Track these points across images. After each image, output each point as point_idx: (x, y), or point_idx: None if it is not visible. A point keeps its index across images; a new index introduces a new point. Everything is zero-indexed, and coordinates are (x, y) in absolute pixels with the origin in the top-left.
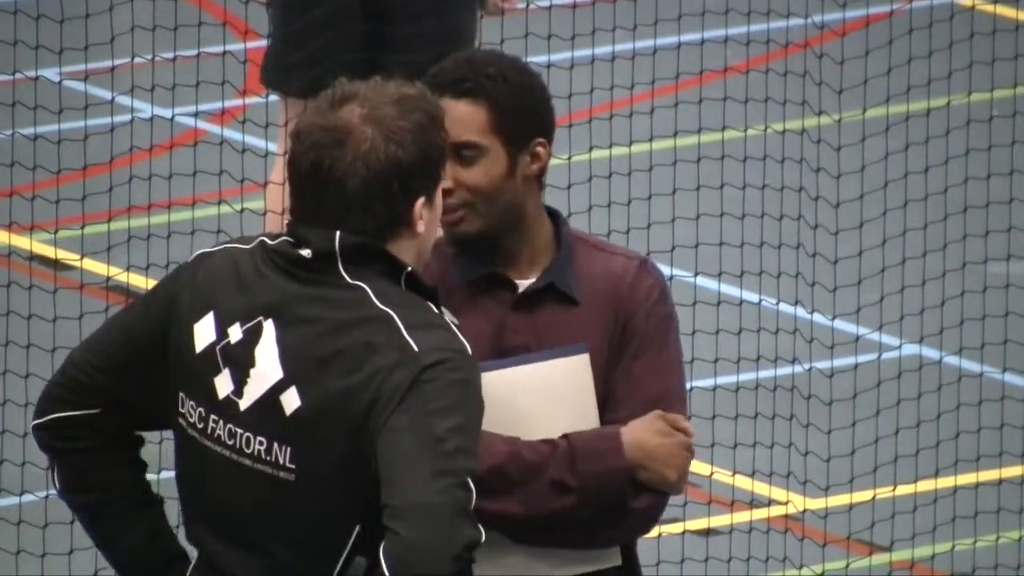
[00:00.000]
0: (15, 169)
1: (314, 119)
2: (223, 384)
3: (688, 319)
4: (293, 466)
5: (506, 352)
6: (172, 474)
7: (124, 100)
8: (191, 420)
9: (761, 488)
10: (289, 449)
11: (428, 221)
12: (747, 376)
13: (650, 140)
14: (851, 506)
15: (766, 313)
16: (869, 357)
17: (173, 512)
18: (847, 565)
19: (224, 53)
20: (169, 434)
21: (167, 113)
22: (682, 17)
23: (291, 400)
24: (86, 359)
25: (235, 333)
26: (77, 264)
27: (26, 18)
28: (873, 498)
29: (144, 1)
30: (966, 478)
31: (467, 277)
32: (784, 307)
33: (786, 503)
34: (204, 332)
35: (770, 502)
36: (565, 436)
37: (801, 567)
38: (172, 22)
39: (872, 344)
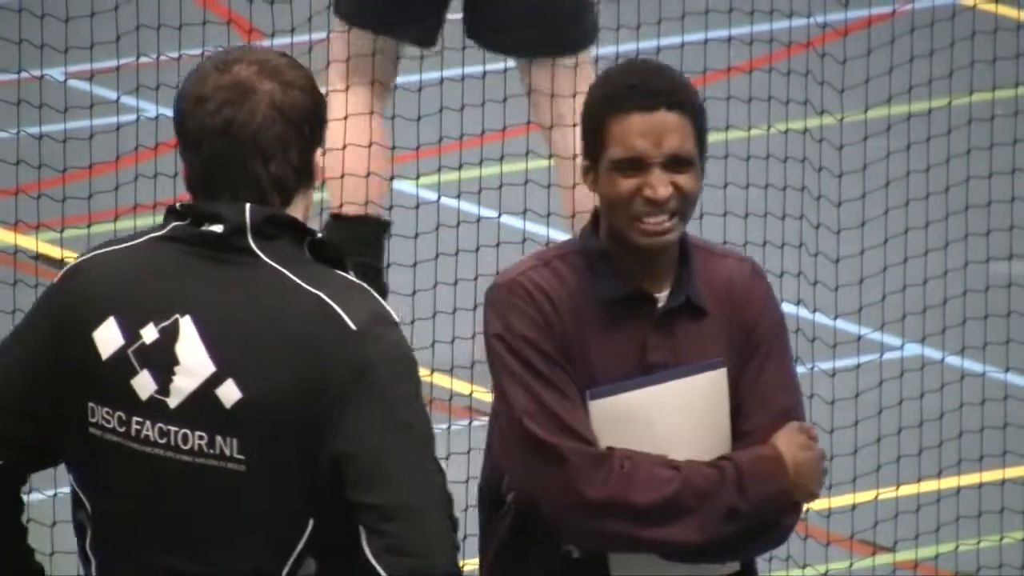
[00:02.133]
0: (20, 168)
1: (212, 83)
2: (143, 385)
3: None
4: (243, 457)
5: (648, 371)
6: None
7: (129, 100)
8: (108, 426)
9: None
10: (235, 441)
11: (320, 174)
12: None
13: None
14: (854, 506)
15: None
16: (871, 357)
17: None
18: (851, 565)
19: None
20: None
21: (171, 112)
22: (685, 16)
23: (229, 393)
24: None
25: (149, 333)
26: None
27: (31, 17)
28: (876, 498)
29: (149, 0)
30: (969, 478)
31: (611, 295)
32: (786, 306)
33: None
34: (107, 338)
35: None
36: (728, 459)
37: (804, 567)
38: (177, 21)
39: (874, 344)
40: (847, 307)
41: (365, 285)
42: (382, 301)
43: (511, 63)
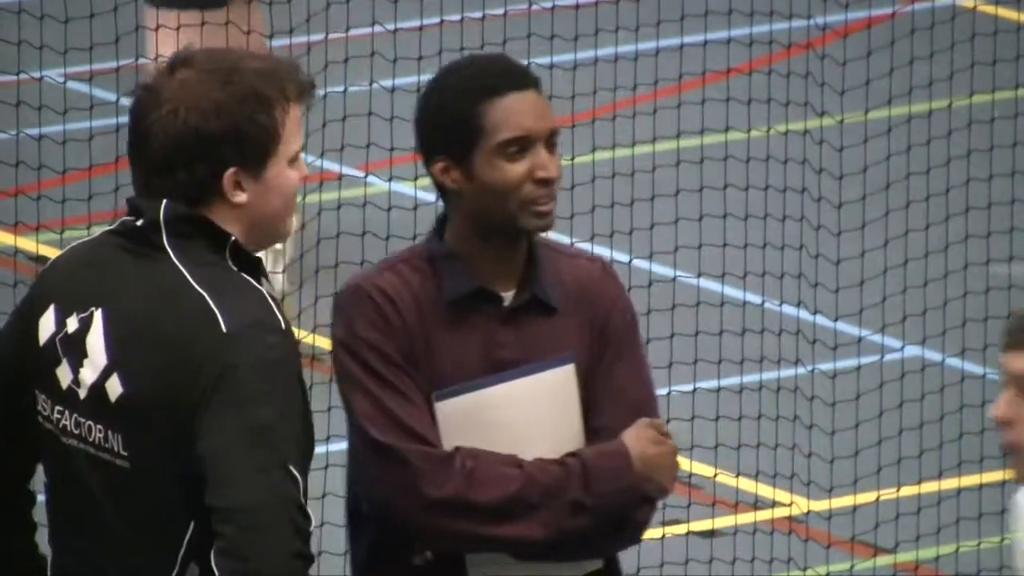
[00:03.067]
0: (20, 169)
1: (149, 80)
2: (64, 375)
3: (691, 320)
4: (126, 453)
5: (497, 368)
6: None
7: (129, 101)
8: (45, 414)
9: (764, 490)
10: (120, 436)
11: (255, 193)
12: (750, 377)
13: (653, 141)
14: (855, 508)
15: (769, 314)
16: (872, 358)
17: None
18: (851, 567)
19: None
20: None
21: None
22: (685, 18)
23: (114, 386)
24: None
25: (72, 323)
26: None
27: (30, 18)
28: (877, 500)
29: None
30: (970, 480)
31: (456, 294)
32: (787, 308)
33: (789, 505)
34: (45, 325)
35: (774, 504)
36: (574, 455)
37: (805, 569)
38: (175, 23)
39: (875, 345)
40: (848, 309)
41: (263, 291)
42: (272, 307)
43: None
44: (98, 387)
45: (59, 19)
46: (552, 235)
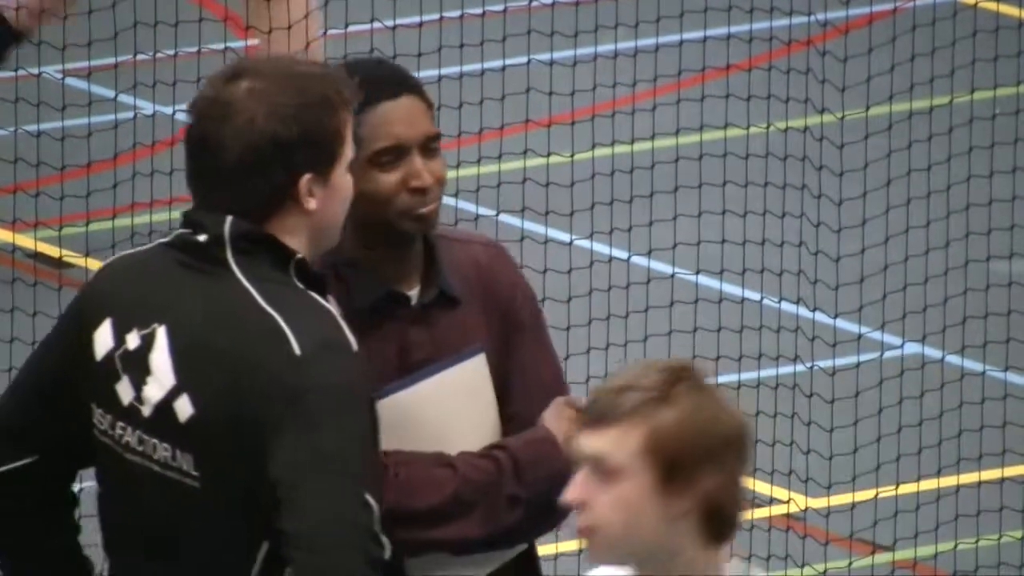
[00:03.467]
0: (18, 166)
1: (206, 92)
2: (125, 391)
3: (690, 317)
4: (197, 474)
5: (412, 369)
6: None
7: (127, 98)
8: (102, 428)
9: (763, 487)
10: (191, 456)
11: (323, 199)
12: (749, 375)
13: (652, 138)
14: (853, 505)
15: (768, 311)
16: (871, 356)
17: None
18: (849, 564)
19: (225, 50)
20: None
21: (168, 110)
22: (684, 14)
23: (184, 407)
24: (11, 407)
25: (132, 340)
26: (81, 262)
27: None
28: (875, 497)
29: None
30: (969, 477)
31: (365, 301)
32: (786, 305)
33: (788, 502)
34: (102, 339)
35: (772, 501)
36: (501, 447)
37: (803, 566)
38: (173, 19)
39: (874, 343)
40: (847, 306)
41: (332, 311)
42: (343, 328)
43: (510, 61)
44: (165, 406)
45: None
46: (552, 232)
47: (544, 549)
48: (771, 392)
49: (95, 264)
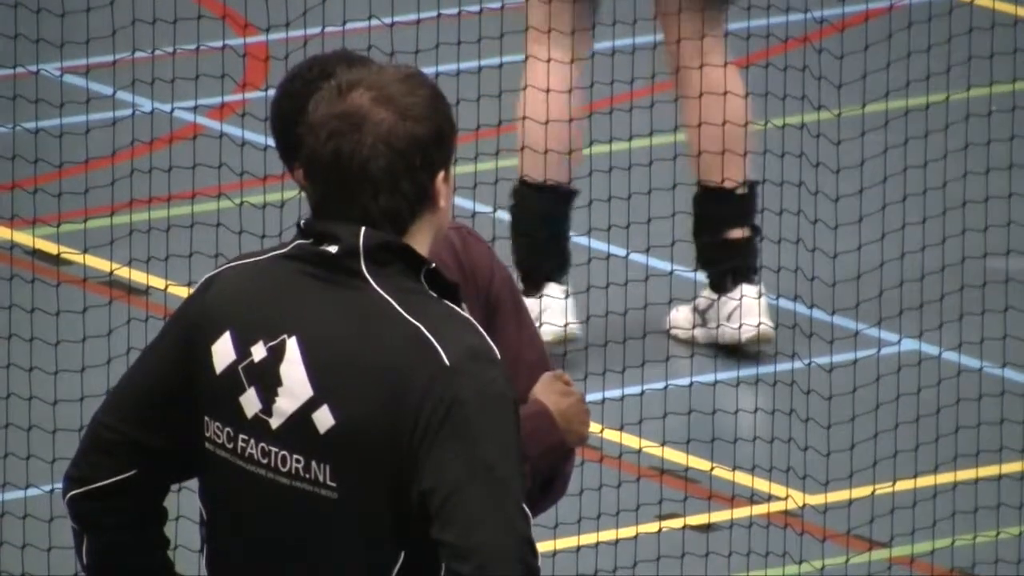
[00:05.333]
0: (16, 163)
1: (326, 110)
2: (250, 403)
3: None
4: (334, 484)
5: None
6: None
7: (125, 95)
8: (219, 442)
9: (761, 484)
10: (328, 467)
11: (446, 195)
12: (747, 371)
13: (650, 135)
14: (850, 501)
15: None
16: (868, 352)
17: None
18: (847, 561)
19: (223, 47)
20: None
21: (167, 107)
22: (682, 12)
23: (324, 418)
24: (112, 420)
25: (258, 351)
26: (79, 259)
27: (27, 12)
28: (872, 493)
29: None
30: (965, 473)
31: None
32: (783, 302)
33: (785, 498)
34: (222, 352)
35: (770, 497)
36: None
37: (801, 562)
38: (172, 16)
39: (871, 339)
40: (844, 302)
41: (470, 319)
42: (484, 336)
43: (507, 58)
44: (300, 418)
45: (56, 12)
46: None
47: (543, 546)
48: (769, 389)
49: (93, 260)
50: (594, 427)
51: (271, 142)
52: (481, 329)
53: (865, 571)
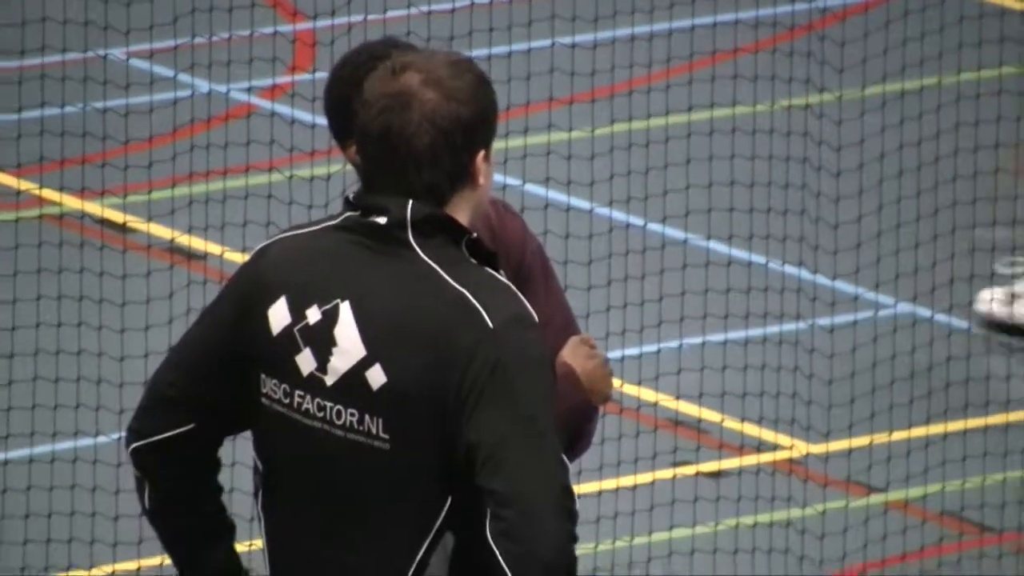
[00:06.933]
0: (87, 140)
1: (379, 88)
2: (306, 362)
3: (701, 279)
4: (387, 436)
5: None
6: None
7: (185, 77)
8: (275, 397)
9: (767, 434)
10: (381, 420)
11: (486, 174)
12: (755, 331)
13: (666, 115)
14: (850, 451)
15: (772, 274)
16: (867, 314)
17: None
18: (846, 505)
19: (275, 33)
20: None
21: (223, 88)
22: (696, 1)
23: (376, 376)
24: (173, 378)
25: (313, 315)
26: (143, 227)
27: (96, 1)
28: (870, 443)
29: None
30: (955, 425)
31: None
32: (789, 268)
33: (790, 448)
34: (278, 316)
35: (775, 447)
36: None
37: (804, 507)
38: (227, 4)
39: (869, 302)
40: (845, 269)
41: (511, 285)
42: (524, 301)
43: (534, 44)
44: (355, 375)
45: (122, 2)
46: (573, 200)
47: None
48: (775, 348)
49: (156, 229)
50: (615, 383)
51: (319, 120)
52: (520, 295)
53: (863, 515)
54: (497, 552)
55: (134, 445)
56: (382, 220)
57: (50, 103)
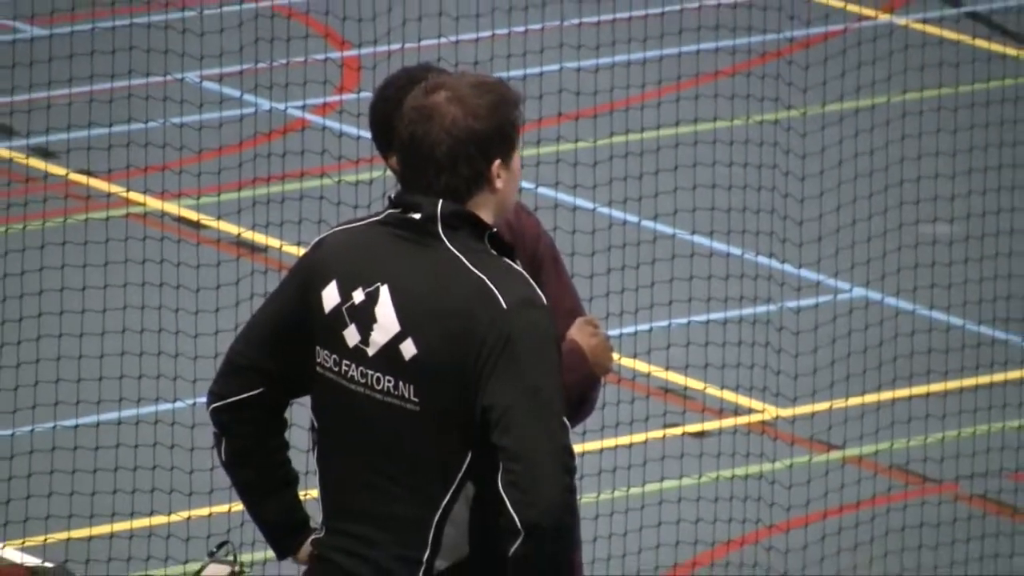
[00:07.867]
0: (166, 150)
1: (412, 103)
2: (351, 336)
3: (687, 267)
4: (417, 400)
5: None
6: None
7: (249, 96)
8: (328, 366)
9: (743, 399)
10: (412, 386)
11: (506, 181)
12: (733, 312)
13: (658, 128)
14: (813, 414)
15: (747, 263)
16: (827, 298)
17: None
18: (810, 460)
19: (326, 59)
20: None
21: (281, 106)
22: (682, 32)
23: (408, 348)
24: (244, 349)
25: (358, 296)
26: (214, 224)
27: (174, 32)
28: (830, 407)
29: (263, 18)
30: (902, 392)
31: None
32: (761, 258)
33: (762, 411)
34: (330, 297)
35: (750, 411)
36: None
37: (774, 461)
38: (286, 35)
39: (829, 287)
40: (808, 259)
41: (524, 272)
42: (534, 286)
43: (546, 68)
44: (390, 348)
45: (196, 32)
46: (579, 201)
47: (574, 448)
48: (750, 326)
49: (225, 225)
50: (614, 357)
51: (363, 133)
52: (532, 281)
53: (824, 469)
54: (506, 498)
55: (213, 406)
56: (416, 216)
57: (136, 119)
